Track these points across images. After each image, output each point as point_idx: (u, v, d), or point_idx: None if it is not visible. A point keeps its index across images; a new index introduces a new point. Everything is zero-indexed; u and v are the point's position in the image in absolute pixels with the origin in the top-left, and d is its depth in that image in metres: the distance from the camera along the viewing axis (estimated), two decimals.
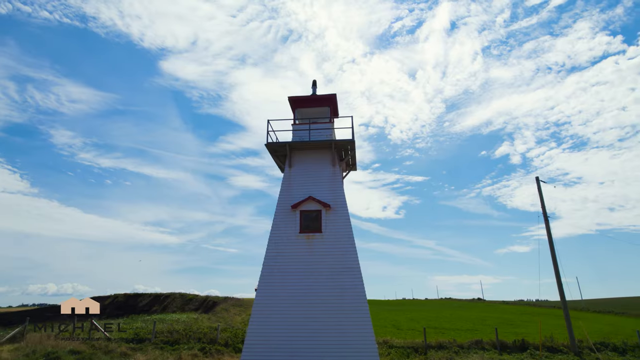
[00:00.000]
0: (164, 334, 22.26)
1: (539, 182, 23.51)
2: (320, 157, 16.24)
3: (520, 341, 21.44)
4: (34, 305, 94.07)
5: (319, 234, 14.89)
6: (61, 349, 18.33)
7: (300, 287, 14.13)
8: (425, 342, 21.26)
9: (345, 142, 16.00)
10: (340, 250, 14.52)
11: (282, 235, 15.05)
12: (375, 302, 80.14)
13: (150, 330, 22.56)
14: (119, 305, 49.28)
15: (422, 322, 37.15)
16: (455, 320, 39.25)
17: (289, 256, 14.67)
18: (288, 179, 16.09)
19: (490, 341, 21.63)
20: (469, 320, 38.73)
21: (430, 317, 42.14)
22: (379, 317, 41.89)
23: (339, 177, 15.84)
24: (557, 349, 20.81)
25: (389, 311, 49.82)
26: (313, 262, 14.47)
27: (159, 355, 18.40)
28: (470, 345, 21.27)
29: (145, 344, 20.66)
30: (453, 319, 39.99)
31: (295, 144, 16.11)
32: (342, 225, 14.95)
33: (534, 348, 20.53)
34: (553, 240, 22.34)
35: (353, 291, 13.84)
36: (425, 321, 38.07)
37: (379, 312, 48.81)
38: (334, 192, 15.56)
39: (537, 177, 23.62)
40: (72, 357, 17.76)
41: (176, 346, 20.38)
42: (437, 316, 42.97)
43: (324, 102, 17.13)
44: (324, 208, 15.16)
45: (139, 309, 44.48)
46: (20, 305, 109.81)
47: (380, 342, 21.78)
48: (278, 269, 14.52)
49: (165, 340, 21.21)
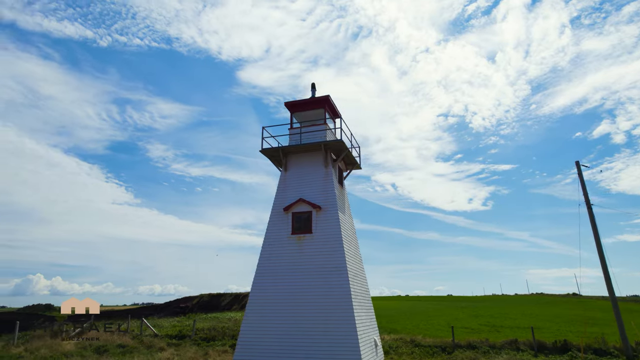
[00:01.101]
0: (204, 331, 24.13)
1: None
2: (313, 159, 16.56)
3: (561, 342, 19.65)
4: (143, 304, 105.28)
5: (309, 235, 15.26)
6: (111, 343, 20.85)
7: (291, 287, 14.63)
8: (453, 341, 20.44)
9: (335, 142, 16.13)
10: (329, 250, 14.74)
11: (276, 236, 15.67)
12: (447, 298, 77.06)
13: (196, 328, 24.57)
14: (204, 304, 53.76)
15: (483, 319, 35.31)
16: (524, 317, 36.62)
17: (281, 257, 15.24)
18: (283, 182, 16.66)
19: (527, 341, 20.14)
20: (541, 318, 35.91)
21: (494, 314, 39.72)
22: (438, 313, 40.58)
23: (331, 178, 16.01)
24: (607, 351, 18.73)
25: (455, 308, 47.76)
26: (303, 262, 14.88)
27: (189, 350, 20.09)
28: (503, 345, 20.01)
29: (185, 340, 22.62)
30: (520, 316, 37.36)
31: (288, 148, 16.62)
32: (332, 226, 15.14)
33: (578, 350, 18.71)
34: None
35: (339, 290, 14.00)
36: (486, 318, 36.16)
37: (442, 309, 47.19)
38: (325, 193, 15.80)
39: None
40: (118, 350, 20.14)
41: (211, 342, 22.01)
42: (503, 313, 40.35)
43: (318, 104, 17.39)
44: (314, 209, 15.48)
45: (221, 307, 48.30)
46: (132, 304, 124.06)
47: (407, 341, 21.43)
48: (271, 270, 15.17)
49: (203, 337, 23.00)
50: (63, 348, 19.83)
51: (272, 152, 16.85)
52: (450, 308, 47.64)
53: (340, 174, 17.63)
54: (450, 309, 47.06)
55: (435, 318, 36.18)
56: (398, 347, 20.73)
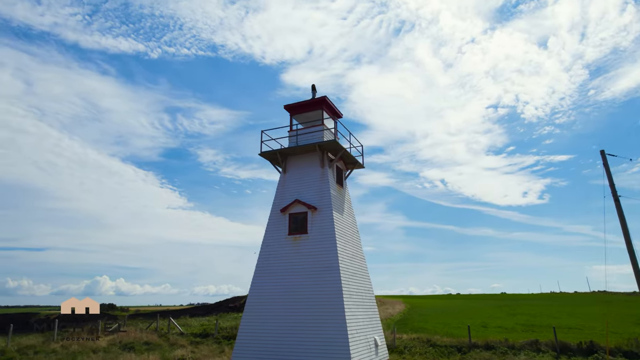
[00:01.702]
0: (226, 330, 25.03)
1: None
2: (310, 161, 16.75)
3: (587, 343, 18.45)
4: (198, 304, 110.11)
5: (304, 235, 15.48)
6: (138, 340, 22.20)
7: (287, 286, 14.93)
8: (469, 341, 19.82)
9: (329, 143, 16.22)
10: (322, 250, 14.87)
11: (274, 237, 16.03)
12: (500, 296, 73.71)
13: (220, 327, 25.55)
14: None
15: (522, 318, 33.70)
16: (569, 316, 34.51)
17: (278, 257, 15.58)
18: (282, 184, 16.98)
19: (549, 342, 19.09)
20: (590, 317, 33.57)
21: (536, 313, 37.73)
22: (474, 313, 39.12)
23: (327, 178, 16.11)
24: (638, 354, 17.37)
25: (496, 307, 45.74)
26: (298, 261, 15.13)
27: (208, 347, 20.95)
28: (523, 345, 19.12)
29: (208, 338, 23.61)
30: (565, 316, 35.24)
31: (284, 150, 16.93)
32: (327, 226, 15.25)
33: (604, 351, 17.51)
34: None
35: (331, 288, 14.11)
36: (525, 317, 34.52)
37: (482, 307, 45.45)
38: (321, 194, 15.94)
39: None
40: (143, 347, 21.42)
41: (231, 340, 22.78)
42: (547, 312, 38.22)
43: (316, 105, 17.55)
44: (309, 210, 15.67)
45: None
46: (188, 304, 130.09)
47: (424, 341, 21.05)
48: (268, 270, 15.55)
49: (225, 335, 23.87)
50: (95, 344, 21.38)
51: (271, 154, 17.22)
52: (492, 307, 45.74)
53: (340, 173, 17.68)
54: (491, 307, 45.25)
55: (470, 317, 34.99)
56: (413, 346, 20.41)
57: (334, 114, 18.32)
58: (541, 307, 44.20)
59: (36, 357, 18.22)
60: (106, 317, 49.79)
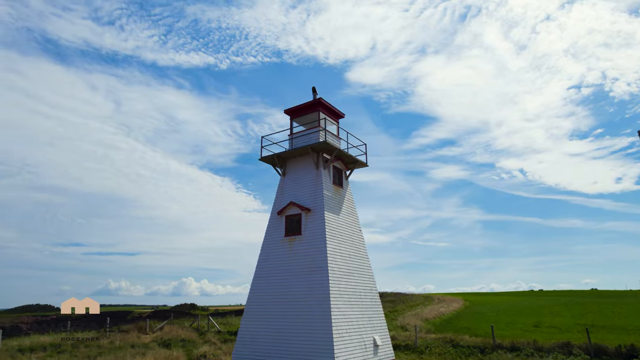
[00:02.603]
0: None
1: None
2: (306, 163, 16.96)
3: (628, 346, 16.54)
4: None
5: (298, 236, 15.75)
6: (175, 337, 23.96)
7: (281, 286, 15.34)
8: (493, 342, 18.71)
9: (320, 144, 16.31)
10: (313, 251, 15.05)
11: (271, 239, 16.51)
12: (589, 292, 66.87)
13: None
14: None
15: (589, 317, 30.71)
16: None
17: (275, 258, 16.03)
18: (281, 186, 17.40)
19: (583, 344, 17.40)
20: None
21: (608, 312, 34.08)
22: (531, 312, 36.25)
23: (321, 179, 16.21)
24: None
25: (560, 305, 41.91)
26: (292, 262, 15.46)
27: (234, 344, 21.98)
28: (553, 347, 17.64)
29: None
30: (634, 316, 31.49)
31: (281, 154, 17.32)
32: (318, 227, 15.40)
33: None
34: None
35: (319, 288, 14.26)
36: (592, 316, 31.49)
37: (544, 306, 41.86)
38: (314, 195, 16.10)
39: None
40: (179, 343, 23.09)
41: None
42: (619, 310, 34.39)
43: (313, 108, 17.71)
44: (303, 212, 15.91)
45: None
46: None
47: (447, 341, 20.28)
48: (266, 271, 16.06)
49: None
50: (140, 340, 23.46)
51: (269, 159, 17.70)
52: (558, 305, 42.08)
53: (339, 174, 17.67)
54: (557, 305, 41.71)
55: (524, 317, 32.71)
56: (435, 346, 19.74)
57: (334, 114, 18.34)
58: (630, 305, 39.51)
59: (78, 350, 20.27)
60: (188, 315, 54.46)
